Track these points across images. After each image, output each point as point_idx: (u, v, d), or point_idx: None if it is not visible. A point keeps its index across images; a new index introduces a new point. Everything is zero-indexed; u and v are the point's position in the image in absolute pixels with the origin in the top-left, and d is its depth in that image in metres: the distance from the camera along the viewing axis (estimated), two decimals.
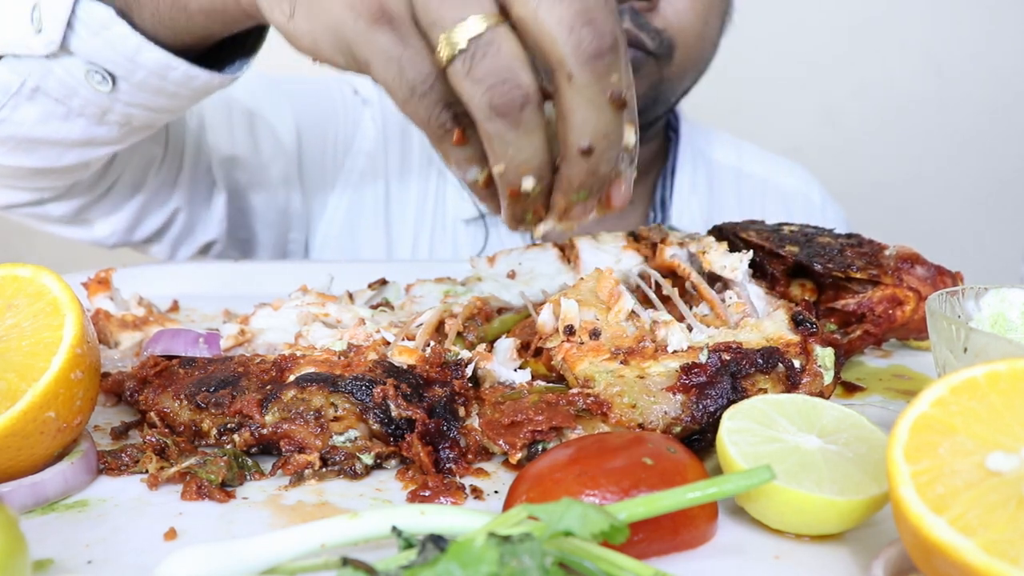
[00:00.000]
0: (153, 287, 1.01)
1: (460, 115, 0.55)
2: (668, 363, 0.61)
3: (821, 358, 0.62)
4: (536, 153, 0.54)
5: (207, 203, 1.28)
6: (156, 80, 0.82)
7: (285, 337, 0.73)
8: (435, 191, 1.41)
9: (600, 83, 0.52)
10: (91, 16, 0.78)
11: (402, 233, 1.40)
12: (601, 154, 0.54)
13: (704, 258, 0.77)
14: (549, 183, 0.57)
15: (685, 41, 1.22)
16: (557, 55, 0.52)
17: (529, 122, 0.53)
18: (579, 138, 0.53)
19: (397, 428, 0.59)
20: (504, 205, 0.58)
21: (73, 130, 0.89)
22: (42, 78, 0.83)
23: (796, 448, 0.51)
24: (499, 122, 0.52)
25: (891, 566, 0.45)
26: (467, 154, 0.56)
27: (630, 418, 0.58)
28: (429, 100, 0.54)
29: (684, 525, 0.48)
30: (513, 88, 0.52)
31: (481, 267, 0.88)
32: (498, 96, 0.52)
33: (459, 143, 0.55)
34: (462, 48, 0.51)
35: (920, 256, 0.80)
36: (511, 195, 0.56)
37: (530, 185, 0.55)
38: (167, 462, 0.57)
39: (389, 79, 0.55)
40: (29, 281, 0.57)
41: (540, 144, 0.54)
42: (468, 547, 0.39)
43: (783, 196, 1.53)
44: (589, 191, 0.56)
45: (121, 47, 0.79)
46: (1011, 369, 0.44)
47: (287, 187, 1.35)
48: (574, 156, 0.54)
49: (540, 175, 0.55)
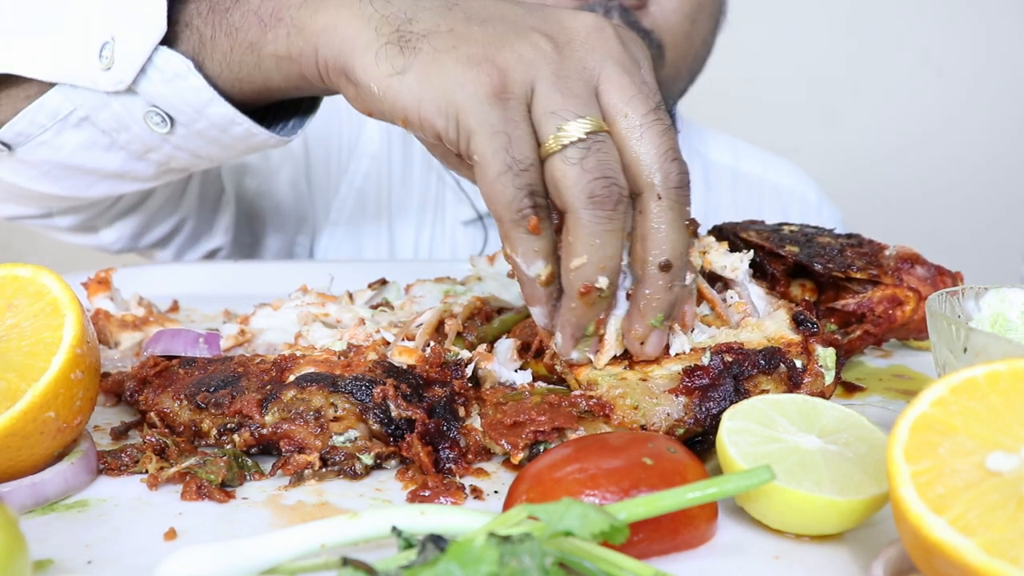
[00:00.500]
0: (153, 287, 1.01)
1: (539, 207, 0.58)
2: (671, 366, 0.61)
3: (822, 358, 0.62)
4: (617, 253, 0.57)
5: (215, 211, 1.28)
6: (216, 132, 0.79)
7: (285, 337, 0.73)
8: (435, 194, 1.41)
9: (682, 208, 0.58)
10: (167, 64, 0.73)
11: (404, 235, 1.40)
12: (677, 272, 0.58)
13: (704, 258, 0.77)
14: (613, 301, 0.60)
15: (673, 41, 1.22)
16: (649, 178, 0.58)
17: (619, 220, 0.57)
18: (661, 253, 0.58)
19: (397, 428, 0.58)
20: (568, 310, 0.59)
21: (112, 162, 0.85)
22: (95, 110, 0.78)
23: (796, 448, 0.51)
24: (596, 212, 0.56)
25: (891, 566, 0.45)
26: (537, 245, 0.58)
27: (633, 420, 0.58)
28: (521, 181, 0.56)
29: (684, 525, 0.48)
30: (614, 185, 0.56)
31: (481, 267, 0.88)
32: (600, 188, 0.56)
33: (534, 231, 0.57)
34: (580, 139, 0.56)
35: (920, 256, 0.80)
36: (583, 292, 0.57)
37: (605, 283, 0.57)
38: (167, 462, 0.57)
39: (490, 152, 0.56)
40: (29, 281, 0.57)
41: (620, 246, 0.58)
42: (468, 547, 0.39)
43: (779, 196, 1.53)
44: (665, 314, 0.59)
45: (192, 98, 0.75)
46: (1011, 369, 0.44)
47: (295, 192, 1.35)
48: (654, 272, 0.58)
49: (613, 278, 0.58)
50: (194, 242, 1.29)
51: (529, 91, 0.58)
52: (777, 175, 1.56)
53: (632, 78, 0.60)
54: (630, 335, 0.60)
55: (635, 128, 0.58)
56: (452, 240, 1.40)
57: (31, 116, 0.78)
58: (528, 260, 0.58)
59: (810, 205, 1.54)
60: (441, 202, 1.41)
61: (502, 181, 0.56)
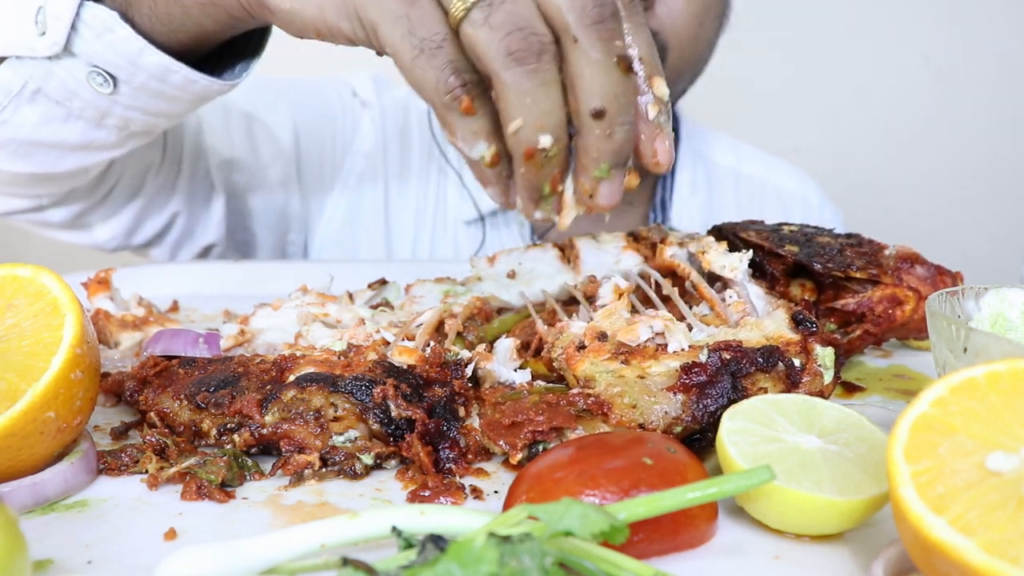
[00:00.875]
0: (153, 287, 1.01)
1: (469, 84, 0.55)
2: (668, 363, 0.61)
3: (821, 357, 0.62)
4: (554, 107, 0.54)
5: (206, 207, 1.28)
6: (156, 84, 0.82)
7: (285, 337, 0.73)
8: (435, 192, 1.41)
9: (605, 46, 0.53)
10: (94, 19, 0.77)
11: (402, 234, 1.40)
12: (614, 117, 0.54)
13: (704, 258, 0.77)
14: (565, 156, 0.56)
15: (679, 43, 1.22)
16: (562, 21, 0.53)
17: (547, 71, 0.53)
18: (589, 99, 0.53)
19: (397, 428, 0.59)
20: (519, 175, 0.56)
21: (72, 133, 0.89)
22: (44, 80, 0.83)
23: (796, 448, 0.51)
24: (518, 70, 0.52)
25: (891, 566, 0.45)
26: (475, 126, 0.55)
27: (631, 418, 0.58)
28: (439, 60, 0.54)
29: (684, 525, 0.48)
30: (531, 35, 0.52)
31: (481, 267, 0.88)
32: (516, 42, 0.52)
33: (468, 111, 0.54)
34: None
35: (920, 256, 0.80)
36: (527, 155, 0.54)
37: (548, 142, 0.53)
38: (167, 462, 0.57)
39: (397, 39, 0.55)
40: (29, 281, 0.57)
41: (557, 98, 0.54)
42: (468, 547, 0.39)
43: (781, 197, 1.54)
44: (610, 163, 0.55)
45: (123, 50, 0.79)
46: (1011, 369, 0.44)
47: (286, 189, 1.35)
48: (588, 122, 0.54)
49: (557, 134, 0.54)
50: (188, 238, 1.29)
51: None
52: (779, 177, 1.56)
53: None
54: (579, 190, 0.57)
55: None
56: (453, 239, 1.40)
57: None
58: (469, 143, 0.56)
59: (812, 206, 1.54)
60: (442, 201, 1.41)
61: (419, 65, 0.54)
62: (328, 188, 1.39)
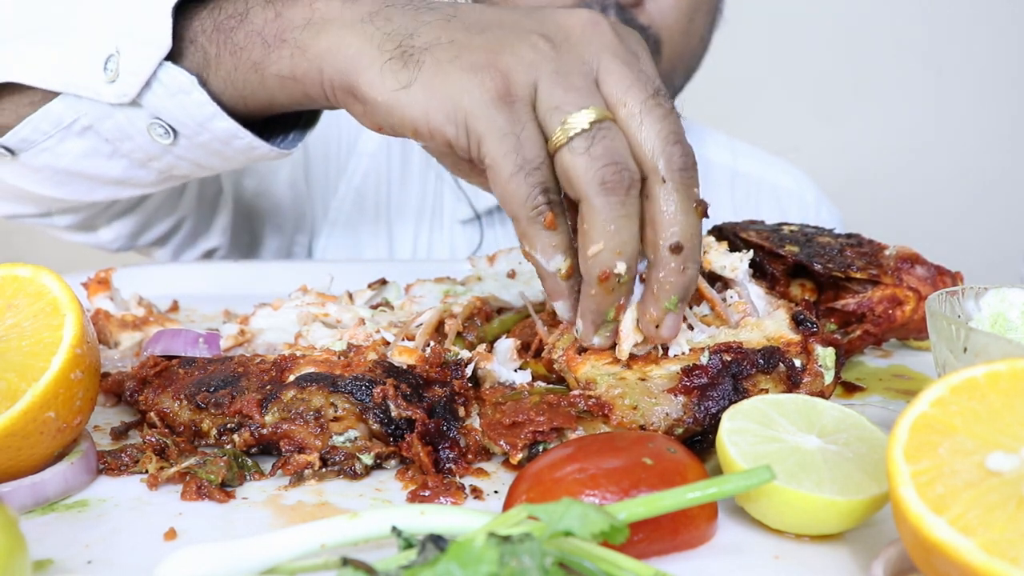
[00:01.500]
0: (153, 287, 1.01)
1: (554, 203, 0.59)
2: (669, 365, 0.61)
3: (822, 358, 0.62)
4: (632, 238, 0.58)
5: (213, 211, 1.28)
6: (218, 145, 0.79)
7: (285, 337, 0.73)
8: (433, 193, 1.41)
9: (688, 191, 0.58)
10: (172, 80, 0.74)
11: (403, 234, 1.40)
12: (689, 253, 0.58)
13: (704, 258, 0.77)
14: (631, 287, 0.60)
15: (671, 38, 1.22)
16: (653, 163, 0.58)
17: (633, 204, 0.57)
18: (670, 235, 0.58)
19: (397, 428, 0.58)
20: (589, 297, 0.59)
21: (114, 169, 0.85)
22: (99, 120, 0.79)
23: (796, 448, 0.51)
24: (608, 199, 0.56)
25: (891, 566, 0.45)
26: (555, 240, 0.59)
27: (632, 420, 0.58)
28: (533, 179, 0.58)
29: (684, 525, 0.48)
30: (624, 169, 0.57)
31: (481, 267, 0.88)
32: (611, 174, 0.56)
33: (550, 227, 0.58)
34: (584, 128, 0.57)
35: (920, 256, 0.80)
36: (602, 278, 0.58)
37: (623, 268, 0.57)
38: (167, 462, 0.57)
39: (501, 155, 0.58)
40: (29, 281, 0.57)
41: (636, 230, 0.58)
42: (468, 547, 0.39)
43: (777, 196, 1.53)
44: (680, 296, 0.59)
45: (194, 112, 0.76)
46: (1011, 369, 0.44)
47: (294, 191, 1.35)
48: (665, 255, 0.58)
49: (630, 263, 0.58)
50: (192, 241, 1.29)
51: (532, 91, 0.59)
52: (776, 175, 1.56)
53: (630, 68, 0.61)
54: (645, 319, 0.60)
55: (635, 115, 0.59)
56: (450, 239, 1.40)
57: (35, 123, 0.78)
58: (547, 255, 0.59)
59: (808, 205, 1.54)
60: (439, 201, 1.41)
61: (515, 181, 0.57)
62: (333, 189, 1.40)
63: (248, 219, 1.34)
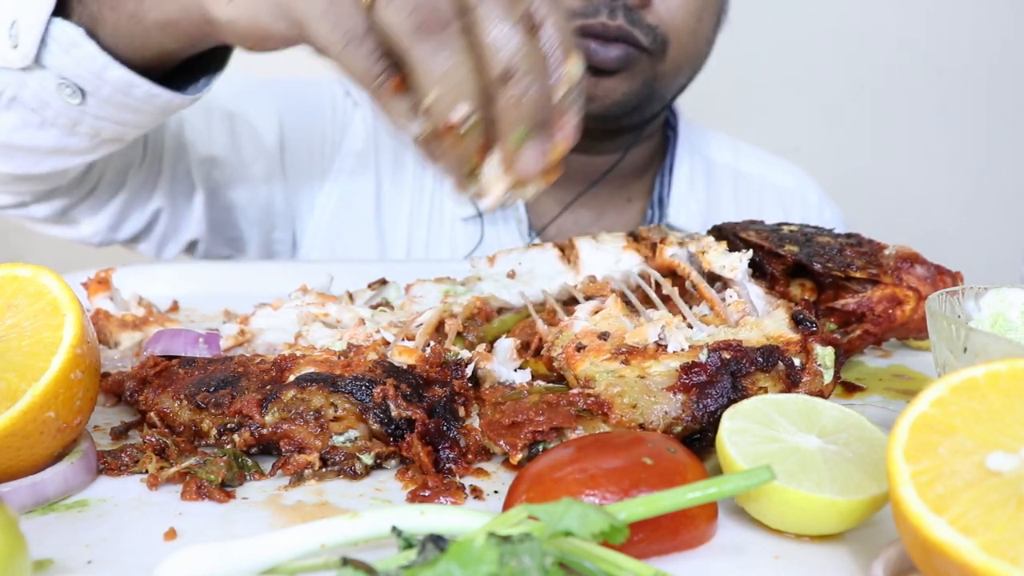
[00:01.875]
0: (153, 287, 1.01)
1: (397, 65, 0.56)
2: (668, 362, 0.61)
3: (821, 357, 0.62)
4: (466, 76, 0.54)
5: (188, 203, 1.29)
6: (121, 96, 0.86)
7: (285, 337, 0.73)
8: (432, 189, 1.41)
9: (504, 9, 0.54)
10: (63, 34, 0.81)
11: (396, 232, 1.40)
12: (522, 77, 0.54)
13: (704, 258, 0.77)
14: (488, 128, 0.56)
15: (679, 38, 1.23)
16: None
17: (454, 41, 0.54)
18: (496, 65, 0.54)
19: (397, 428, 0.58)
20: (444, 149, 0.57)
21: (47, 139, 0.92)
22: (18, 89, 0.87)
23: (796, 448, 0.51)
24: (425, 44, 0.54)
25: (891, 566, 0.45)
26: (407, 105, 0.57)
27: (631, 418, 0.58)
28: (365, 48, 0.57)
29: (684, 525, 0.48)
30: (433, 9, 0.54)
31: (481, 267, 0.88)
32: (420, 16, 0.54)
33: (397, 90, 0.56)
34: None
35: (920, 256, 0.80)
36: (446, 128, 0.55)
37: (464, 111, 0.54)
38: (167, 462, 0.57)
39: (324, 33, 0.58)
40: (29, 281, 0.57)
41: (468, 67, 0.54)
42: (468, 547, 0.39)
43: (779, 195, 1.53)
44: (526, 125, 0.55)
45: (89, 64, 0.83)
46: (1011, 369, 0.44)
47: (269, 186, 1.35)
48: (497, 86, 0.55)
49: (473, 105, 0.54)
50: (173, 233, 1.31)
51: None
52: (778, 175, 1.56)
53: None
54: (504, 159, 0.57)
55: None
56: (451, 236, 1.40)
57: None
58: (405, 123, 0.58)
59: (811, 205, 1.54)
60: (439, 199, 1.41)
61: (348, 56, 0.57)
62: (317, 185, 1.39)
63: (227, 212, 1.35)
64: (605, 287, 0.78)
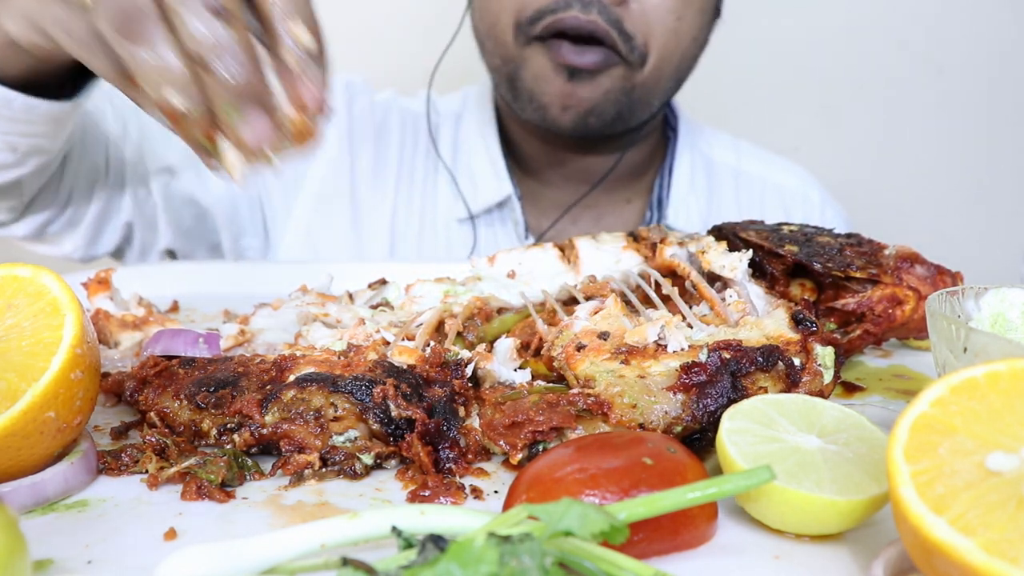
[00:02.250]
0: (153, 287, 1.01)
1: None
2: (668, 362, 0.61)
3: (821, 357, 0.62)
4: (169, 64, 0.55)
5: (153, 213, 1.30)
6: (6, 111, 0.89)
7: (285, 337, 0.73)
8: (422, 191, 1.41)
9: None
10: None
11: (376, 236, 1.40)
12: (209, 58, 0.55)
13: (703, 258, 0.77)
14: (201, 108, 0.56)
15: (658, 41, 1.21)
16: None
17: (150, 33, 0.55)
18: (192, 51, 0.54)
19: (397, 428, 0.58)
20: (182, 134, 0.57)
21: None
22: None
23: (796, 448, 0.51)
24: (130, 44, 0.55)
25: (891, 566, 0.45)
26: (143, 98, 0.58)
27: (631, 418, 0.58)
28: (99, 50, 0.58)
29: (684, 525, 0.48)
30: (128, 7, 0.55)
31: (481, 267, 0.88)
32: (117, 18, 0.55)
33: (134, 85, 0.56)
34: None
35: (920, 255, 0.80)
36: (171, 117, 0.56)
37: (177, 99, 0.55)
38: (167, 462, 0.57)
39: (64, 42, 0.60)
40: (29, 281, 0.57)
41: (171, 56, 0.55)
42: (468, 547, 0.39)
43: (782, 196, 1.53)
44: (231, 104, 0.56)
45: None
46: (1011, 369, 0.44)
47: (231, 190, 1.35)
48: (195, 72, 0.55)
49: (182, 90, 0.55)
50: (152, 244, 1.32)
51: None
52: (780, 175, 1.55)
53: None
54: (227, 136, 0.57)
55: None
56: (446, 239, 1.40)
57: None
58: (151, 112, 0.58)
59: (813, 205, 1.54)
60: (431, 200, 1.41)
61: (88, 58, 0.59)
62: (292, 193, 1.39)
63: (200, 220, 1.35)
64: (605, 287, 0.78)
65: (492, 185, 1.38)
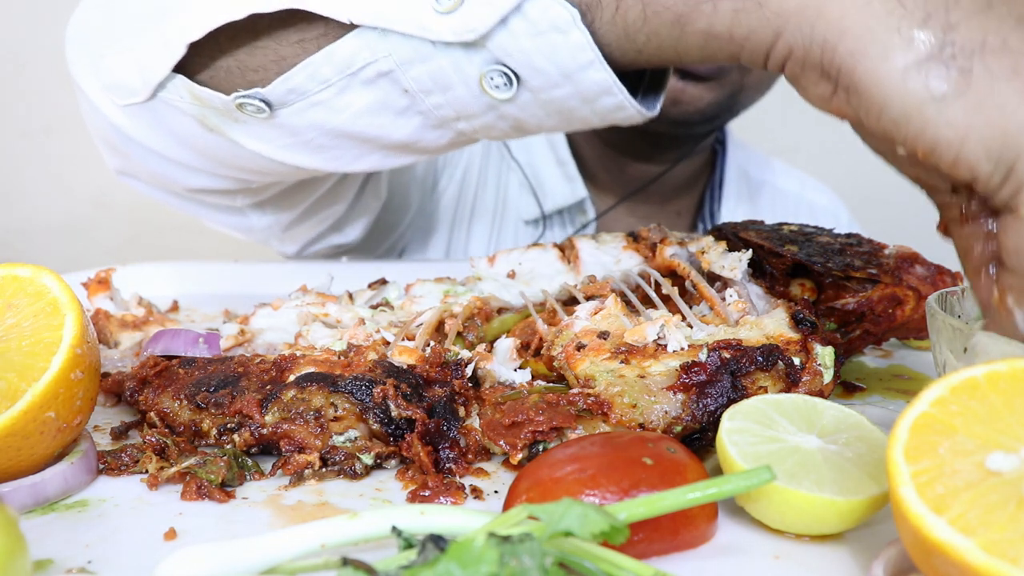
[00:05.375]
0: (153, 287, 1.02)
1: None
2: (668, 362, 0.61)
3: (821, 356, 0.62)
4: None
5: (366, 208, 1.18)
6: (576, 102, 0.63)
7: (285, 337, 0.73)
8: (503, 192, 1.43)
9: None
10: (543, 15, 0.57)
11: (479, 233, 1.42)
12: None
13: (703, 258, 0.77)
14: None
15: None
16: None
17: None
18: None
19: (397, 428, 0.59)
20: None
21: (402, 130, 0.67)
22: (407, 63, 0.61)
23: (796, 448, 0.51)
24: None
25: (891, 566, 0.45)
26: None
27: (631, 418, 0.58)
28: None
29: (684, 525, 0.48)
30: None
31: (481, 267, 0.88)
32: None
33: None
34: None
35: (920, 255, 0.80)
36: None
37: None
38: (167, 462, 0.57)
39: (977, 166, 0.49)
40: (29, 281, 0.57)
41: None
42: (468, 547, 0.39)
43: (813, 212, 1.58)
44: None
45: (564, 59, 0.59)
46: (1011, 369, 0.44)
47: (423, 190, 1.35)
48: None
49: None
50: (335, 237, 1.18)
51: None
52: (813, 193, 1.61)
53: None
54: None
55: None
56: (514, 239, 1.41)
57: (312, 69, 0.62)
58: None
59: (842, 223, 1.58)
60: (505, 200, 1.42)
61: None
62: (431, 191, 1.40)
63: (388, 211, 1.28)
64: (605, 287, 0.78)
65: (562, 188, 1.39)
